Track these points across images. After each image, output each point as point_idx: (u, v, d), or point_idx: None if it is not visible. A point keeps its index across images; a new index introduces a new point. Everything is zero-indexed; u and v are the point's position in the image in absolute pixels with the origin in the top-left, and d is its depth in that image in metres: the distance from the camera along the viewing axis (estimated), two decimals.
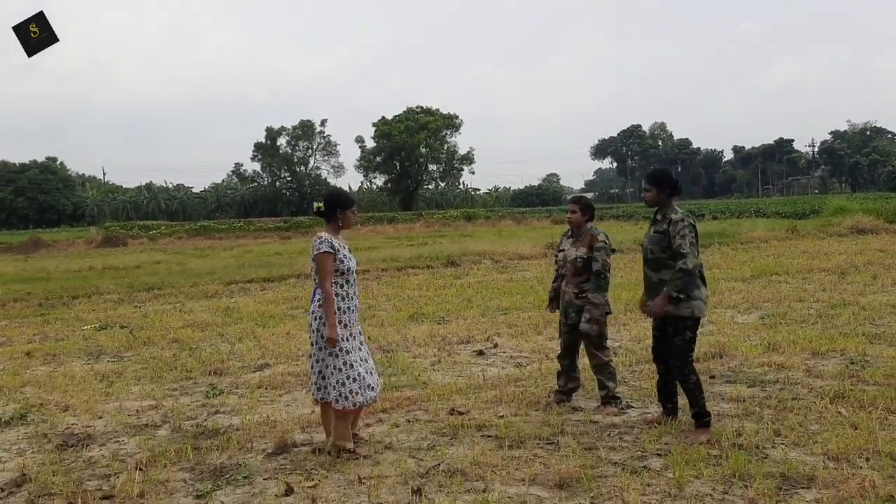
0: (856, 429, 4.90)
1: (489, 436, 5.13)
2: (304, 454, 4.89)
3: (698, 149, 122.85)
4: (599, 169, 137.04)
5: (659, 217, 5.13)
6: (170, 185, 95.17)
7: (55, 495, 4.32)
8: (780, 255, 17.09)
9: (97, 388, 6.88)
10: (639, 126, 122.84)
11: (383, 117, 79.26)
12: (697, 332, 5.14)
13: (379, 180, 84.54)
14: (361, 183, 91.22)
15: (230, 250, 28.09)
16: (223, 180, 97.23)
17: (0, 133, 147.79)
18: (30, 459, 4.98)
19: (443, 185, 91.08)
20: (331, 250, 4.82)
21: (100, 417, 5.96)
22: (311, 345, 4.92)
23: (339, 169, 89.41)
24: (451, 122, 79.09)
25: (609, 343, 6.72)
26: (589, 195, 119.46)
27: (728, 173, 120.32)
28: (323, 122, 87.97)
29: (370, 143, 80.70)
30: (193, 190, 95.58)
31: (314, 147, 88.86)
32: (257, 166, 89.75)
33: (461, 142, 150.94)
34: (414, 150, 76.39)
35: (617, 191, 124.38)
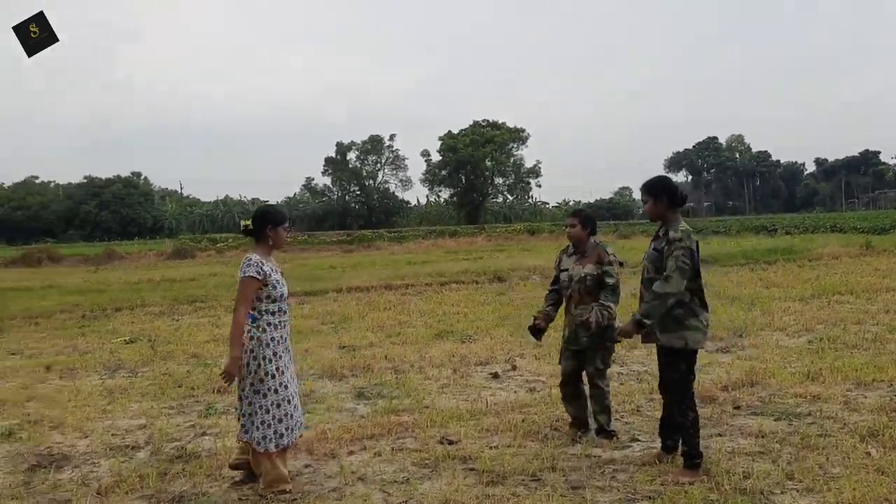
0: (882, 473, 4.31)
1: (471, 469, 4.74)
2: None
3: (778, 161, 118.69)
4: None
5: (661, 233, 4.65)
6: (244, 199, 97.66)
7: None
8: (848, 273, 16.02)
9: (98, 404, 6.79)
10: (715, 138, 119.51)
11: (449, 131, 79.52)
12: (694, 365, 4.63)
13: (444, 194, 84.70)
14: (427, 196, 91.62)
15: (288, 263, 28.32)
16: (294, 194, 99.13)
17: (90, 149, 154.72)
18: None
19: (511, 198, 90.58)
20: (257, 276, 4.41)
21: (86, 437, 5.82)
22: (238, 382, 4.49)
23: (406, 183, 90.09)
24: (518, 136, 78.62)
25: (632, 367, 6.28)
26: None
27: (810, 186, 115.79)
28: (392, 137, 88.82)
29: (436, 158, 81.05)
30: (268, 204, 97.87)
31: (383, 161, 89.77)
32: (328, 180, 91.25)
33: (529, 155, 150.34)
34: (479, 163, 76.20)
35: (692, 205, 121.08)
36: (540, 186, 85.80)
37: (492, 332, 9.99)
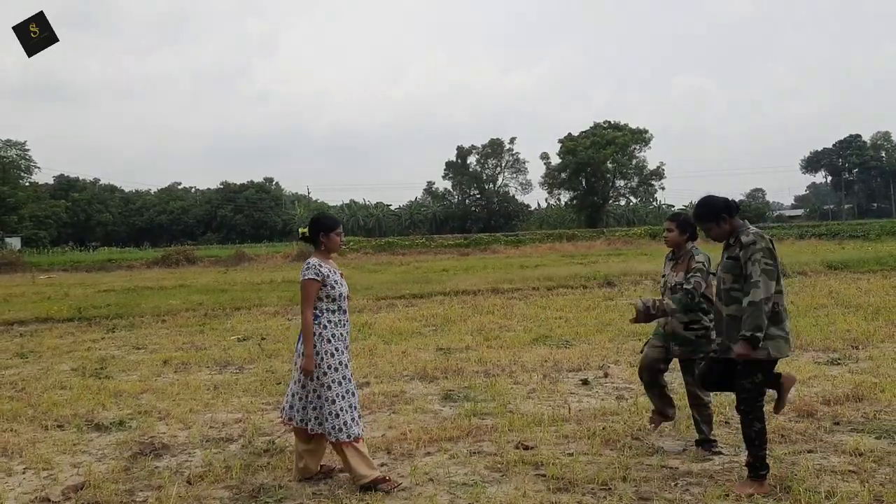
0: None
1: (542, 475, 4.72)
2: (346, 480, 4.76)
3: None
4: (813, 184, 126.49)
5: (731, 241, 4.47)
6: (369, 203, 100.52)
7: (104, 503, 4.52)
8: None
9: (203, 398, 7.22)
10: (858, 136, 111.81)
11: (569, 133, 78.70)
12: (771, 375, 4.42)
13: (564, 196, 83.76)
14: (546, 199, 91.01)
15: (404, 266, 28.96)
16: (416, 198, 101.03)
17: (227, 156, 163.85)
18: (103, 466, 5.26)
19: (635, 201, 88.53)
20: (316, 277, 4.68)
21: (188, 428, 6.21)
22: (297, 371, 4.78)
23: (526, 186, 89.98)
24: (641, 137, 76.65)
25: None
26: (798, 212, 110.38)
27: None
28: (512, 140, 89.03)
29: (556, 160, 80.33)
30: (391, 207, 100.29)
31: (503, 165, 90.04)
32: (448, 184, 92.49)
33: (653, 156, 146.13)
34: (600, 165, 74.87)
35: (832, 207, 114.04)
36: (664, 189, 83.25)
37: (590, 338, 9.84)
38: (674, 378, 5.96)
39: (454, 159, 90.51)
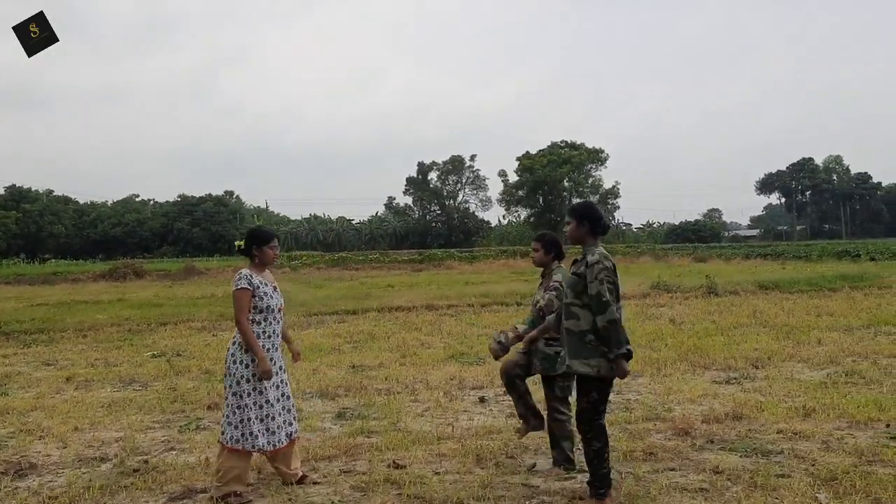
0: None
1: (400, 494, 4.70)
2: (202, 501, 4.69)
3: (879, 183, 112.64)
4: (769, 205, 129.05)
5: (579, 258, 4.54)
6: (329, 217, 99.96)
7: None
8: None
9: (94, 416, 7.07)
10: (811, 159, 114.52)
11: (527, 152, 79.34)
12: (608, 395, 4.48)
13: (522, 213, 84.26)
14: (503, 216, 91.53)
15: (350, 281, 28.84)
16: (377, 213, 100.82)
17: (190, 168, 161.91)
18: None
19: None
20: (248, 287, 4.74)
21: (65, 447, 6.07)
22: (226, 388, 4.83)
23: (486, 203, 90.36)
24: (596, 156, 77.61)
25: (627, 395, 6.09)
26: (754, 232, 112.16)
27: None
28: (472, 157, 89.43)
29: (514, 178, 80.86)
30: (353, 222, 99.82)
31: (463, 181, 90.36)
32: (409, 200, 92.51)
33: (614, 175, 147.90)
34: (556, 184, 75.53)
35: (786, 228, 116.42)
36: (619, 208, 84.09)
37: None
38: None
39: (415, 175, 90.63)
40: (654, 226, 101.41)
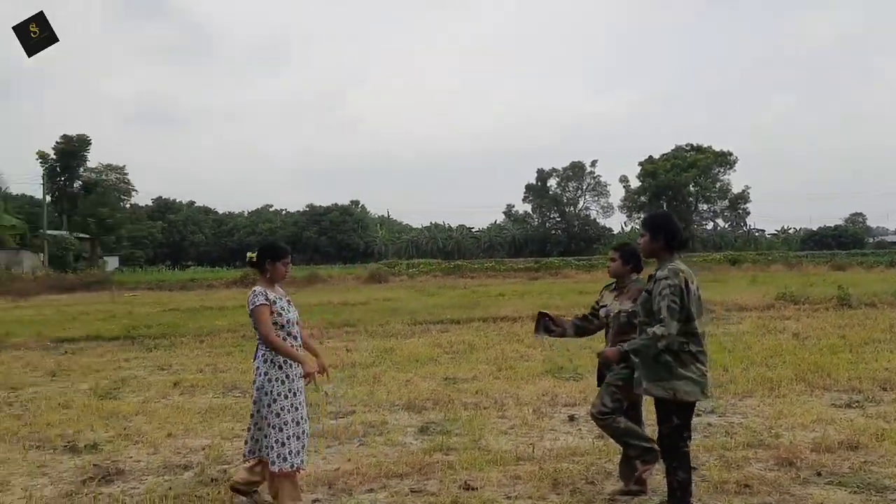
0: None
1: None
2: None
3: None
4: None
5: (654, 273, 4.21)
6: (449, 226, 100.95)
7: None
8: None
9: (189, 423, 7.29)
10: None
11: (650, 156, 76.98)
12: (690, 419, 4.11)
13: None
14: (623, 224, 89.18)
15: (463, 289, 28.85)
16: (496, 221, 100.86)
17: (318, 179, 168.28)
18: (53, 490, 5.37)
19: (724, 225, 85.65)
20: (266, 302, 4.71)
21: (156, 453, 6.28)
22: (253, 403, 4.82)
23: (608, 209, 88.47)
24: (725, 159, 74.19)
25: (731, 418, 5.73)
26: None
27: None
28: (593, 163, 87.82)
29: (636, 184, 78.62)
30: (473, 230, 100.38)
31: (584, 188, 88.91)
32: (528, 207, 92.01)
33: (744, 180, 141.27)
34: (681, 189, 72.75)
35: None
36: (749, 213, 79.94)
37: None
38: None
39: (534, 182, 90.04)
40: (790, 231, 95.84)
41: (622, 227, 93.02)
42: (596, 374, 5.30)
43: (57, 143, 63.83)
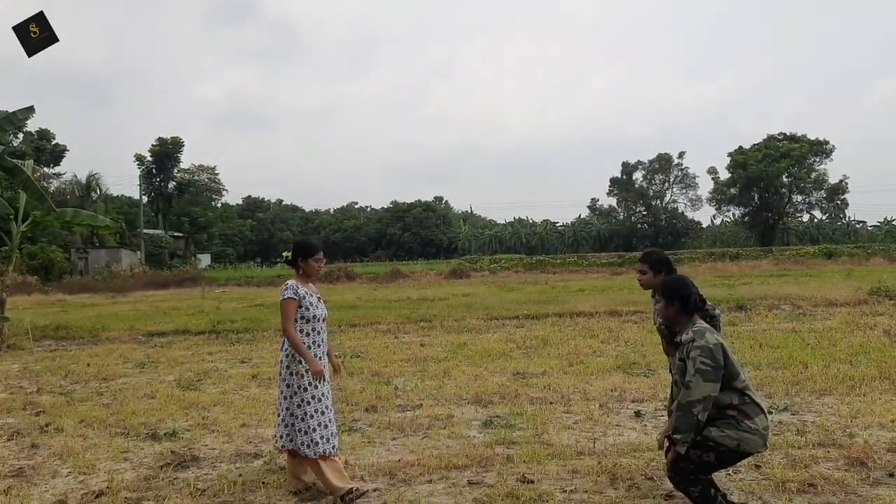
0: None
1: None
2: (329, 501, 4.84)
3: None
4: None
5: (678, 338, 4.24)
6: (532, 221, 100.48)
7: None
8: None
9: (263, 413, 7.57)
10: None
11: (740, 147, 74.33)
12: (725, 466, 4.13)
13: (736, 213, 79.02)
14: (712, 217, 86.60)
15: (543, 285, 28.68)
16: (580, 215, 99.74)
17: (403, 176, 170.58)
18: (133, 474, 5.68)
19: (822, 217, 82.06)
20: (293, 297, 4.92)
21: (229, 442, 6.55)
22: (279, 393, 5.08)
23: (696, 202, 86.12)
24: (821, 148, 70.85)
25: (804, 417, 5.59)
26: None
27: None
28: (681, 155, 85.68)
29: (725, 175, 76.11)
30: (557, 225, 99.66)
31: (671, 180, 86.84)
32: (613, 201, 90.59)
33: (844, 169, 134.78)
34: (774, 180, 69.91)
35: None
36: (848, 204, 76.14)
37: None
38: None
39: (619, 175, 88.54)
40: (894, 223, 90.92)
41: (711, 221, 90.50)
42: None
43: (153, 145, 67.05)
